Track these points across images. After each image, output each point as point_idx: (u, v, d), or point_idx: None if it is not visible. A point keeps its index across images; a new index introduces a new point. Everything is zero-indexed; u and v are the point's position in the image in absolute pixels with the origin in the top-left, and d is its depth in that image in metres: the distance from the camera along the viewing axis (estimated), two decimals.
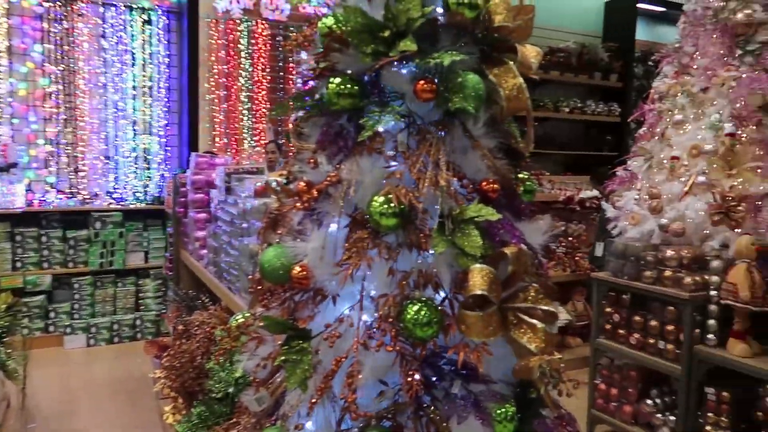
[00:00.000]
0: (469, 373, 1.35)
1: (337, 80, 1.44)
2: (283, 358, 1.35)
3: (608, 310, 3.37)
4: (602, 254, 3.75)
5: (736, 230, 2.86)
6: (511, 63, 1.48)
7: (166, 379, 2.15)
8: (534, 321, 1.35)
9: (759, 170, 2.87)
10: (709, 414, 2.83)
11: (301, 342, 1.36)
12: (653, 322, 3.11)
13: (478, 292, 1.28)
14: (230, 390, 1.85)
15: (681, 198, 3.04)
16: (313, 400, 1.29)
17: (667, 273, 3.02)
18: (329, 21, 1.48)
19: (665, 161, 3.15)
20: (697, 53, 3.18)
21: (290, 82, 5.55)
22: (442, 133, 1.43)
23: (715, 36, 3.09)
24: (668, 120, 3.21)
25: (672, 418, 3.03)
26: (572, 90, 7.28)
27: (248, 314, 1.72)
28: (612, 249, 3.30)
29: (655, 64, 3.45)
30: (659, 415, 3.10)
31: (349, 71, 1.46)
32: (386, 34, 1.41)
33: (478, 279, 1.30)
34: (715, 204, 2.86)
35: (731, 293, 2.73)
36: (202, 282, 3.36)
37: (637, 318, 3.20)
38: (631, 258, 3.18)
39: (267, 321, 1.37)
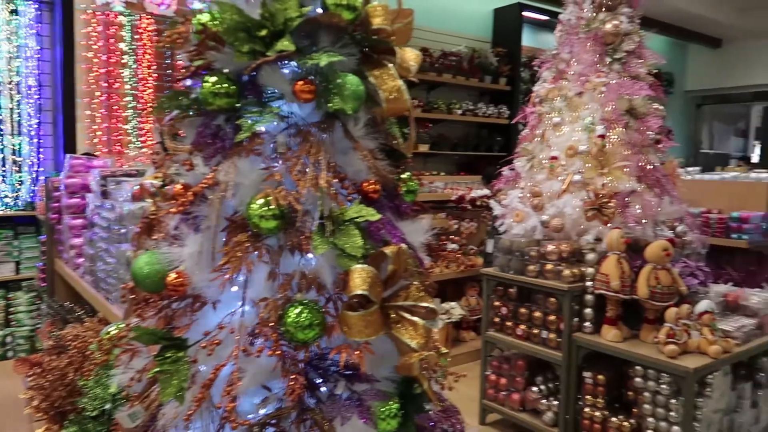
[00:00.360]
0: (352, 373, 1.36)
1: (213, 79, 1.39)
2: (157, 369, 1.28)
3: (497, 303, 3.53)
4: (492, 250, 3.91)
5: (608, 225, 3.09)
6: (391, 65, 1.50)
7: (36, 399, 1.99)
8: (415, 318, 1.38)
9: (626, 169, 3.11)
10: (587, 396, 3.04)
11: (176, 352, 1.30)
12: (537, 314, 3.29)
13: (359, 292, 1.29)
14: (106, 407, 1.74)
15: (560, 196, 3.24)
16: (190, 412, 1.24)
17: (549, 266, 3.20)
18: (204, 18, 1.43)
19: (545, 161, 3.35)
20: (573, 60, 3.41)
21: (179, 80, 5.31)
22: (323, 135, 1.43)
23: (588, 44, 3.33)
24: (547, 122, 3.41)
25: (555, 402, 3.22)
26: (465, 92, 7.55)
27: (122, 325, 1.62)
28: (499, 245, 3.45)
29: (537, 69, 3.65)
30: (544, 401, 3.28)
31: (226, 70, 1.42)
32: (263, 33, 1.39)
33: (359, 279, 1.30)
34: (589, 201, 3.07)
35: (604, 283, 2.95)
36: (78, 293, 3.14)
37: (522, 310, 3.38)
38: (516, 253, 3.35)
39: (138, 331, 1.30)
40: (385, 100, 1.47)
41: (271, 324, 1.29)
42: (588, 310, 3.10)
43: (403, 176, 1.62)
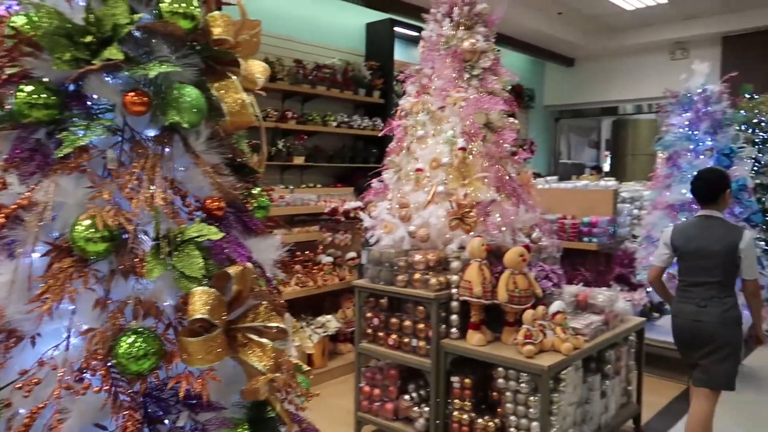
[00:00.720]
0: (196, 402, 1.28)
1: (29, 89, 1.26)
2: None
3: (369, 315, 3.55)
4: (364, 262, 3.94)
5: (470, 233, 3.22)
6: (235, 77, 1.45)
7: None
8: (263, 340, 1.33)
9: (486, 180, 3.27)
10: (456, 400, 3.14)
11: None
12: (407, 323, 3.35)
13: (199, 316, 1.22)
14: None
15: (425, 206, 3.33)
16: None
17: (417, 276, 3.28)
18: (19, 21, 1.29)
19: (411, 173, 3.44)
20: (434, 75, 3.54)
21: None
22: (161, 149, 1.34)
23: (447, 60, 3.47)
24: (412, 135, 3.51)
25: (426, 409, 3.29)
26: (340, 105, 7.61)
27: None
28: (370, 256, 3.48)
29: (402, 83, 3.74)
30: (416, 408, 3.34)
31: (45, 79, 1.29)
32: (88, 39, 1.28)
33: (199, 302, 1.23)
34: (452, 211, 3.18)
35: (467, 290, 3.07)
36: None
37: (393, 320, 3.42)
38: (386, 264, 3.39)
39: None
40: (228, 112, 1.42)
41: (99, 357, 1.18)
42: (454, 317, 3.21)
43: (253, 192, 1.56)
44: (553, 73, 12.05)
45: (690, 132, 4.81)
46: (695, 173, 3.34)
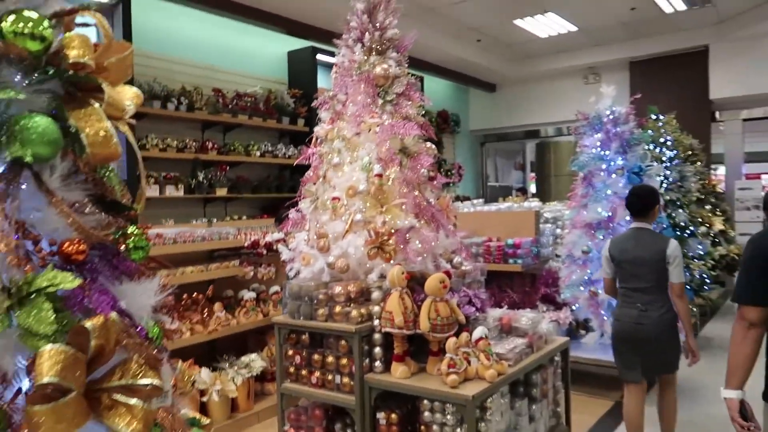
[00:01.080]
0: None
1: None
2: None
3: (290, 352, 3.38)
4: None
5: (390, 262, 3.13)
6: (98, 105, 1.30)
7: None
8: (132, 400, 1.17)
9: (404, 206, 3.20)
10: None
11: None
12: (330, 359, 3.21)
13: (46, 380, 1.05)
14: None
15: (343, 236, 3.22)
16: None
17: (337, 309, 3.15)
18: None
19: (328, 202, 3.33)
20: (348, 101, 3.47)
21: None
22: (6, 187, 1.17)
23: (361, 86, 3.41)
24: (328, 163, 3.41)
25: None
26: (264, 134, 7.46)
27: None
28: (288, 290, 3.32)
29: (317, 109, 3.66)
30: None
31: None
32: None
33: (47, 364, 1.06)
34: (370, 239, 3.09)
35: (389, 321, 2.96)
36: None
37: (316, 356, 3.27)
38: (305, 298, 3.25)
39: None
40: (89, 144, 1.26)
41: None
42: (378, 350, 3.09)
43: (127, 231, 1.41)
44: (477, 98, 12.36)
45: (602, 152, 4.96)
46: (629, 190, 3.79)
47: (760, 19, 8.51)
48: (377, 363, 3.09)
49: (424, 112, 3.46)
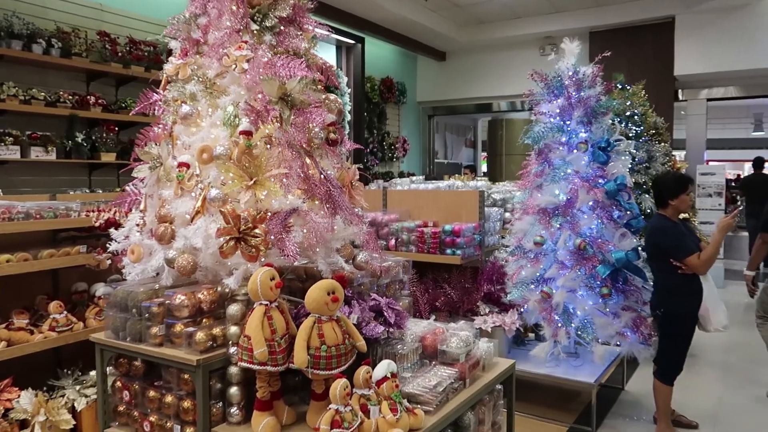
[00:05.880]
0: None
1: None
2: None
3: (119, 384, 2.35)
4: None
5: (256, 261, 2.12)
6: None
7: None
8: None
9: (283, 180, 2.18)
10: None
11: None
12: (169, 398, 2.19)
13: None
14: None
15: (191, 220, 2.19)
16: None
17: (177, 327, 2.13)
18: None
19: (174, 169, 2.28)
20: (211, 26, 2.40)
21: None
22: None
23: (229, 4, 2.34)
24: (176, 113, 2.35)
25: None
26: None
27: None
28: (111, 298, 2.28)
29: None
30: None
31: None
32: None
33: None
34: (225, 228, 2.07)
35: (246, 351, 1.96)
36: None
37: (152, 393, 2.25)
38: (133, 310, 2.21)
39: None
40: None
41: None
42: (234, 390, 2.09)
43: None
44: (426, 67, 11.36)
45: (562, 122, 4.05)
46: None
47: None
48: (234, 410, 2.09)
49: (316, 46, 2.42)
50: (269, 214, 2.18)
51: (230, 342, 2.08)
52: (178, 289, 2.19)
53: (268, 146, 2.28)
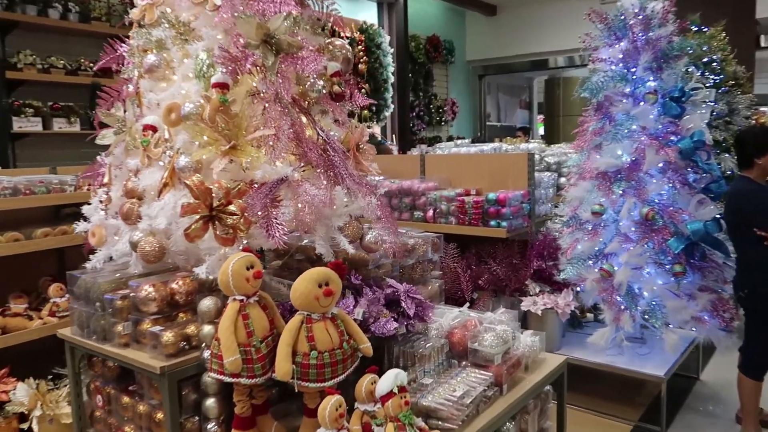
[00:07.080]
0: None
1: None
2: None
3: (93, 387, 2.03)
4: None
5: (233, 245, 1.71)
6: None
7: None
8: None
9: (269, 143, 1.75)
10: None
11: None
12: (142, 407, 1.85)
13: None
14: None
15: (158, 195, 1.80)
16: None
17: (144, 325, 1.76)
18: None
19: (138, 135, 1.88)
20: None
21: None
22: None
23: None
24: (140, 66, 1.94)
25: None
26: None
27: None
28: (76, 289, 1.93)
29: None
30: None
31: None
32: None
33: None
34: (190, 205, 1.66)
35: (216, 357, 1.57)
36: None
37: (126, 399, 1.92)
38: (96, 303, 1.86)
39: None
40: None
41: None
42: (211, 402, 1.72)
43: None
44: (475, 23, 10.60)
45: (625, 69, 3.43)
46: None
47: None
48: (212, 426, 1.72)
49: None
50: (255, 186, 1.76)
51: (203, 345, 1.70)
52: (146, 278, 1.82)
53: (255, 102, 1.85)
